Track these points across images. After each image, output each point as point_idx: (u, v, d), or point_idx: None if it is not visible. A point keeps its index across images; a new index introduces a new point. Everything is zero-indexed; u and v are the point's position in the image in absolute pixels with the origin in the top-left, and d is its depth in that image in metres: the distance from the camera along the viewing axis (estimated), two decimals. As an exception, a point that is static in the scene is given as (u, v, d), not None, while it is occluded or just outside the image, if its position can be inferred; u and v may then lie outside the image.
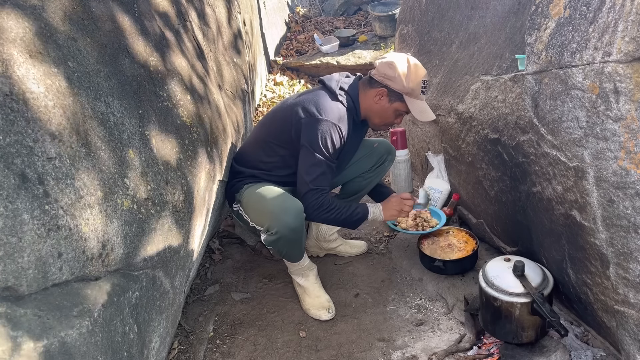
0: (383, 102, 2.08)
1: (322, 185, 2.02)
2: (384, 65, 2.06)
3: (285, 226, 1.97)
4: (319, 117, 1.99)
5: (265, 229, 2.04)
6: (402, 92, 2.05)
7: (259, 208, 2.07)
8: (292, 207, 1.99)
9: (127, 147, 1.42)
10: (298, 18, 6.09)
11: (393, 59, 2.05)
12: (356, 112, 2.11)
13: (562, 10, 1.50)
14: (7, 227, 1.01)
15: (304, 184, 2.02)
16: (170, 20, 1.92)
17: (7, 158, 1.04)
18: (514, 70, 1.91)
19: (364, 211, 2.12)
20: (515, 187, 1.94)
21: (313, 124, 1.99)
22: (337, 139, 2.01)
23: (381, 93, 2.07)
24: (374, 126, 2.21)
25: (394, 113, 2.11)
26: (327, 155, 2.00)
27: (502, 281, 1.72)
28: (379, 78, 2.07)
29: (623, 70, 1.27)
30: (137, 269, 1.41)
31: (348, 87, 2.10)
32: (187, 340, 2.13)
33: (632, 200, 1.33)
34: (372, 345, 2.04)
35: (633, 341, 1.46)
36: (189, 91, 1.86)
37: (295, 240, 2.06)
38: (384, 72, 2.05)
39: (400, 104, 2.08)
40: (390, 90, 2.05)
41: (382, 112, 2.11)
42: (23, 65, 1.14)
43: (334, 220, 2.09)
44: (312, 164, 2.00)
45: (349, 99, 2.09)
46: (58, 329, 1.09)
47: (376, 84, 2.07)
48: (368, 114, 2.14)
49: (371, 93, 2.09)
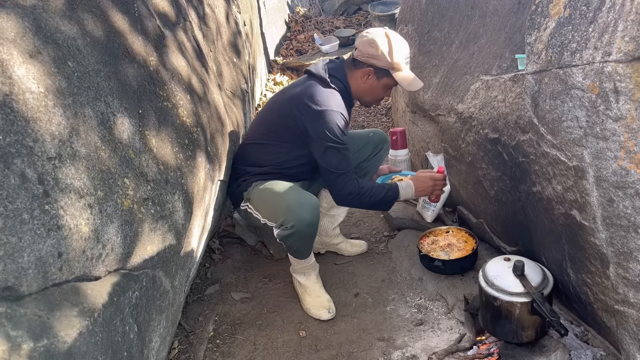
0: (371, 81, 2.12)
1: (346, 168, 2.06)
2: (365, 44, 2.08)
3: (301, 220, 1.98)
4: (319, 109, 2.02)
5: (279, 223, 2.05)
6: (388, 67, 2.08)
7: (273, 203, 2.08)
8: (309, 201, 2.02)
9: (127, 147, 1.42)
10: (298, 18, 6.09)
11: (373, 36, 2.07)
12: (348, 94, 2.15)
13: (562, 10, 1.50)
14: (7, 227, 1.01)
15: (328, 173, 2.07)
16: (170, 20, 1.92)
17: (7, 158, 1.04)
18: (514, 70, 1.91)
19: (394, 192, 2.13)
20: (515, 186, 1.94)
21: (317, 116, 2.02)
22: (342, 124, 2.04)
23: (368, 72, 2.10)
24: (365, 103, 2.26)
25: (383, 88, 2.16)
26: (339, 142, 2.03)
27: (502, 281, 1.72)
28: (363, 58, 2.09)
29: (623, 69, 1.27)
30: (137, 268, 1.41)
31: (336, 72, 2.13)
32: (187, 340, 2.13)
33: (632, 200, 1.33)
34: (372, 345, 2.04)
35: (633, 341, 1.46)
36: (189, 91, 1.86)
37: (309, 236, 2.08)
38: (366, 51, 2.08)
39: (388, 79, 2.12)
40: (377, 68, 2.09)
41: (372, 90, 2.16)
42: (23, 65, 1.14)
43: (367, 204, 2.14)
44: (329, 154, 2.04)
45: (340, 83, 2.12)
46: (58, 329, 1.09)
47: (361, 64, 2.11)
48: (358, 94, 2.18)
49: (358, 74, 2.12)
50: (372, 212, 2.99)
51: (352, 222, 2.91)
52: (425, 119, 2.80)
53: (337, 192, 2.08)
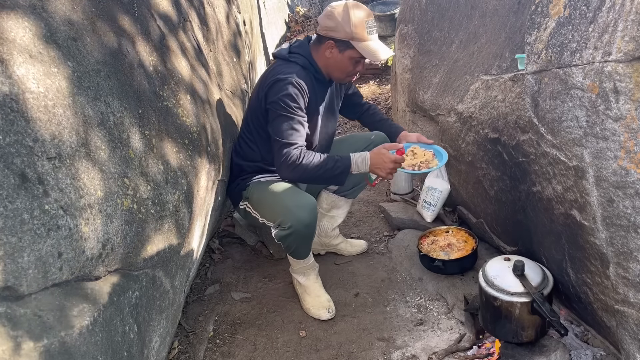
0: (335, 54, 2.08)
1: (294, 139, 1.97)
2: (323, 18, 2.08)
3: (299, 221, 1.98)
4: (272, 79, 2.01)
5: (277, 224, 2.04)
6: (347, 38, 2.03)
7: (272, 203, 2.08)
8: (307, 202, 2.01)
9: (127, 147, 1.42)
10: (298, 18, 6.09)
11: (331, 8, 2.06)
12: (315, 70, 2.12)
13: (562, 10, 1.50)
14: (7, 227, 1.01)
15: (274, 142, 1.99)
16: (170, 20, 1.92)
17: (7, 158, 1.04)
18: (514, 70, 1.90)
19: (345, 163, 2.01)
20: (515, 186, 1.94)
21: (270, 86, 2.01)
22: (295, 92, 1.99)
23: (330, 46, 2.07)
24: (338, 80, 2.21)
25: (350, 62, 2.09)
26: (290, 110, 1.98)
27: (502, 281, 1.72)
28: (323, 32, 2.08)
29: (623, 69, 1.27)
30: (137, 268, 1.41)
31: (298, 49, 2.12)
32: (187, 340, 2.13)
33: (632, 200, 1.33)
34: (372, 345, 2.04)
35: (633, 340, 1.46)
36: (189, 91, 1.86)
37: (307, 236, 2.07)
38: (325, 24, 2.06)
39: (352, 50, 2.05)
40: (337, 41, 2.05)
41: (338, 64, 2.10)
42: (23, 65, 1.13)
43: (314, 176, 2.00)
44: (278, 122, 1.99)
45: (302, 58, 2.10)
46: (58, 329, 1.09)
47: (323, 39, 2.09)
48: (327, 70, 2.14)
49: (322, 49, 2.10)
50: (372, 212, 2.99)
51: (352, 222, 2.91)
52: (425, 119, 2.80)
53: (281, 162, 1.97)
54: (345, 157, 2.02)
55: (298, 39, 2.21)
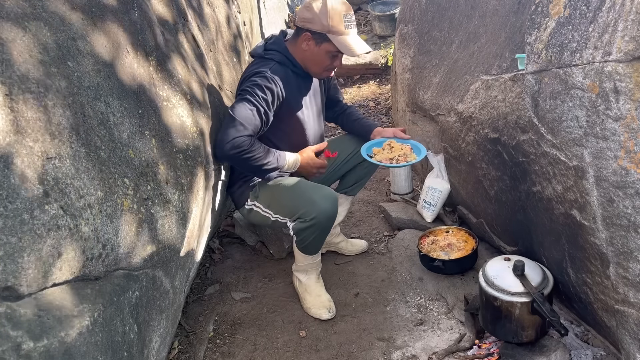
0: (311, 47, 2.06)
1: (249, 124, 1.93)
2: (301, 9, 2.07)
3: (323, 212, 1.98)
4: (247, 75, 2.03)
5: (297, 216, 2.03)
6: (324, 31, 2.01)
7: (291, 196, 2.06)
8: (330, 194, 2.02)
9: (127, 147, 1.42)
10: (298, 18, 6.08)
11: (310, 1, 2.04)
12: (292, 64, 2.10)
13: (562, 10, 1.50)
14: (7, 227, 1.01)
15: (229, 117, 1.94)
16: (170, 20, 1.92)
17: (7, 158, 1.04)
18: (514, 70, 1.90)
19: (280, 163, 2.03)
20: (515, 186, 1.94)
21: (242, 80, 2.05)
22: (265, 83, 1.98)
23: (306, 38, 2.05)
24: (315, 75, 2.18)
25: (326, 55, 2.07)
26: (256, 96, 1.95)
27: (502, 281, 1.72)
28: (300, 24, 2.07)
29: (623, 69, 1.27)
30: (137, 268, 1.41)
31: (273, 45, 2.12)
32: (187, 340, 2.13)
33: (632, 200, 1.33)
34: (372, 345, 2.04)
35: (633, 340, 1.46)
36: (188, 91, 1.86)
37: (326, 229, 2.06)
38: (302, 16, 2.05)
39: (328, 44, 2.04)
40: (313, 33, 2.03)
41: (315, 57, 2.08)
42: (23, 65, 1.14)
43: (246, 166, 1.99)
44: (238, 101, 1.97)
45: (277, 54, 2.09)
46: (58, 329, 1.09)
47: (300, 30, 2.07)
48: (304, 63, 2.12)
49: (299, 42, 2.08)
50: (372, 212, 2.99)
51: (352, 222, 2.91)
52: (425, 119, 2.80)
53: (227, 140, 1.89)
54: (282, 157, 2.05)
55: (272, 34, 2.20)
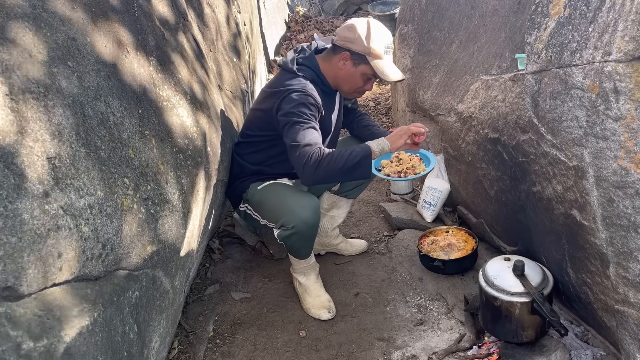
0: (348, 67, 2.07)
1: (311, 141, 1.88)
2: (343, 29, 2.07)
3: (303, 221, 1.99)
4: (283, 92, 1.99)
5: (279, 224, 2.05)
6: (364, 52, 2.02)
7: (274, 204, 2.08)
8: (310, 202, 2.02)
9: (127, 147, 1.42)
10: (298, 18, 6.09)
11: (353, 21, 2.05)
12: (322, 82, 2.11)
13: (562, 10, 1.50)
14: (7, 227, 1.01)
15: (292, 148, 1.90)
16: (170, 20, 1.92)
17: (7, 158, 1.04)
18: (514, 70, 1.91)
19: (364, 149, 1.91)
20: (515, 186, 1.94)
21: (282, 99, 1.98)
22: (308, 101, 1.97)
23: (345, 57, 2.05)
24: (345, 94, 2.19)
25: (361, 77, 2.08)
26: (306, 117, 1.94)
27: (502, 281, 1.72)
28: (340, 43, 2.06)
29: (623, 69, 1.27)
30: (137, 268, 1.41)
31: (306, 61, 2.11)
32: (187, 340, 2.13)
33: (632, 200, 1.33)
34: (372, 345, 2.04)
35: (633, 340, 1.46)
36: (188, 91, 1.86)
37: (310, 237, 2.08)
38: (344, 35, 2.05)
39: (366, 66, 2.05)
40: (353, 53, 2.04)
41: (349, 77, 2.09)
42: (23, 64, 1.14)
43: (337, 169, 1.86)
44: (293, 130, 1.92)
45: (309, 71, 2.09)
46: (58, 329, 1.09)
47: (339, 49, 2.07)
48: (336, 82, 2.13)
49: (335, 60, 2.08)
50: (372, 212, 2.99)
51: (352, 222, 2.91)
52: (425, 119, 2.80)
53: (303, 164, 1.85)
54: (364, 145, 1.94)
55: (302, 46, 2.20)
